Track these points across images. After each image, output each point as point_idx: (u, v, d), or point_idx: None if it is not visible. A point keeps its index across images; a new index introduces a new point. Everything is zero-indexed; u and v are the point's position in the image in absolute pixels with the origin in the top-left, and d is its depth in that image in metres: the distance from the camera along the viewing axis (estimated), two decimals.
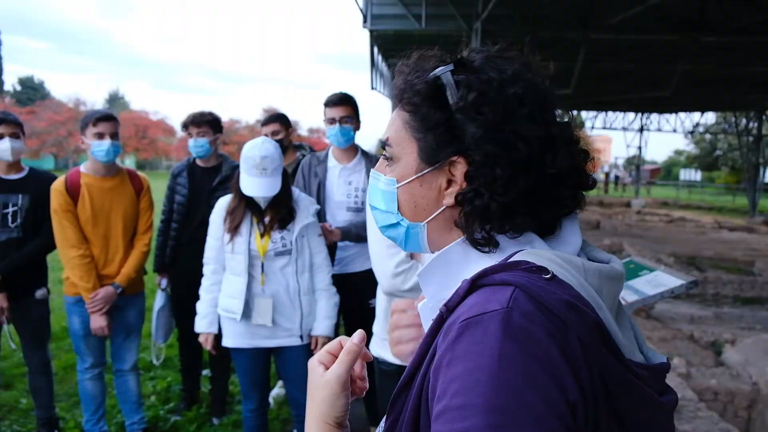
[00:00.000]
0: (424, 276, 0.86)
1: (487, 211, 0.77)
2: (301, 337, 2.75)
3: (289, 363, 2.80)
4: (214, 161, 3.72)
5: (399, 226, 0.88)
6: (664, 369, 0.78)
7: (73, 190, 3.12)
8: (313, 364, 0.88)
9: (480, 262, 0.79)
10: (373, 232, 2.10)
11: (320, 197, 3.28)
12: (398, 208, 0.87)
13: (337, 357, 0.87)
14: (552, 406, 0.61)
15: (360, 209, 3.29)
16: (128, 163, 44.44)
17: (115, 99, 74.69)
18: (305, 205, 2.78)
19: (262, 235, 2.69)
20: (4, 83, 63.26)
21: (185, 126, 3.68)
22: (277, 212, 2.68)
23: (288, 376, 2.89)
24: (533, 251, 0.75)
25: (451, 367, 0.65)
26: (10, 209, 3.18)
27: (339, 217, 3.27)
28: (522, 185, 0.76)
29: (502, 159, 0.75)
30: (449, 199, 0.82)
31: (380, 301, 2.23)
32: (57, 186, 3.11)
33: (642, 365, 0.73)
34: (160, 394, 4.07)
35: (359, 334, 0.88)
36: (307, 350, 2.78)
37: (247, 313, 2.68)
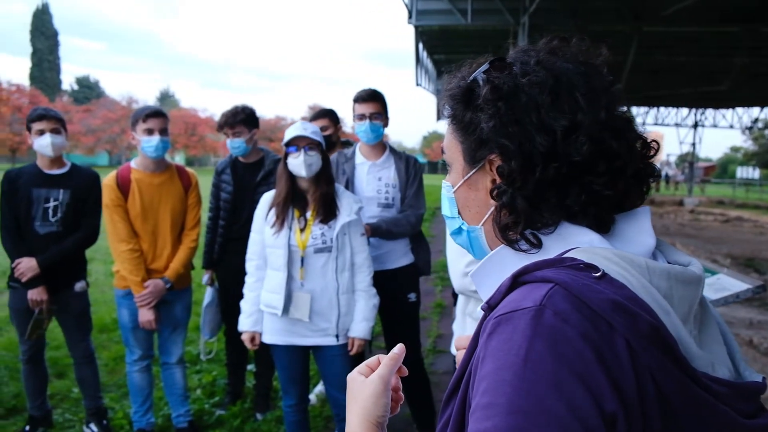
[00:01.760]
0: (478, 277, 0.84)
1: (513, 206, 0.75)
2: (337, 336, 2.72)
3: (327, 362, 2.79)
4: (256, 156, 3.74)
5: (462, 232, 0.88)
6: (757, 389, 0.70)
7: (123, 186, 3.17)
8: (353, 375, 0.90)
9: (533, 260, 0.74)
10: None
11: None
12: (458, 213, 0.88)
13: (374, 370, 0.89)
14: (577, 414, 0.57)
15: (390, 205, 3.28)
16: (178, 159, 45.67)
17: (165, 97, 76.91)
18: (348, 202, 2.76)
19: (302, 230, 2.69)
20: (62, 82, 65.88)
21: (220, 127, 3.68)
22: (320, 193, 2.67)
23: (326, 374, 2.87)
24: (586, 249, 0.70)
25: (483, 365, 0.64)
26: (51, 204, 3.24)
27: (370, 212, 3.25)
28: (539, 176, 0.72)
29: (514, 151, 0.73)
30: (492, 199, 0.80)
31: (459, 302, 2.26)
32: (108, 181, 3.17)
33: (721, 381, 0.66)
34: (206, 387, 4.12)
35: (400, 346, 0.91)
36: (344, 350, 2.76)
37: (287, 308, 2.68)
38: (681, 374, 0.62)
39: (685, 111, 29.30)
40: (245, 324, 2.79)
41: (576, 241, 0.73)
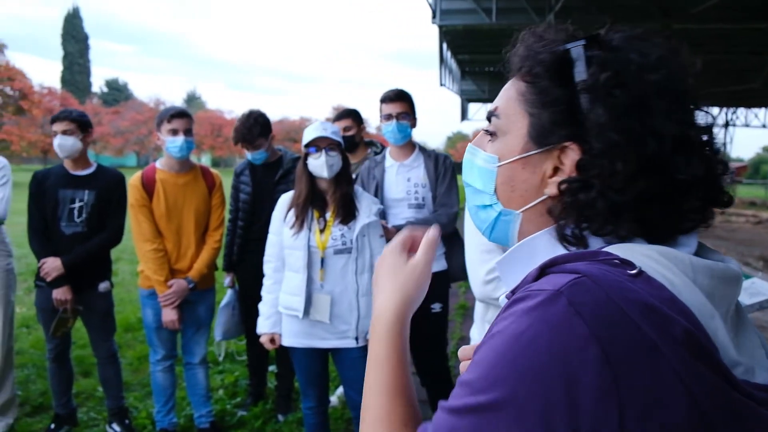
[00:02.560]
0: (504, 266, 0.77)
1: (590, 208, 0.67)
2: (357, 339, 2.70)
3: (346, 364, 2.76)
4: (274, 157, 3.72)
5: (490, 210, 0.79)
6: None
7: (148, 186, 3.19)
8: (393, 250, 0.88)
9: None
10: (470, 236, 2.03)
11: (378, 198, 3.22)
12: (494, 190, 0.78)
13: (408, 245, 0.89)
14: (538, 410, 0.54)
15: (421, 205, 3.22)
16: (204, 160, 46.25)
17: (192, 99, 78.00)
18: (367, 204, 2.74)
19: (322, 231, 2.67)
20: (92, 85, 67.22)
21: (236, 142, 3.65)
22: (339, 194, 2.66)
23: (345, 377, 2.84)
24: (624, 245, 0.65)
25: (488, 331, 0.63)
26: (77, 204, 3.26)
27: (401, 214, 3.20)
28: (642, 187, 0.64)
29: (628, 152, 0.65)
30: (552, 188, 0.71)
31: (478, 308, 2.18)
32: (133, 181, 3.20)
33: (762, 386, 0.61)
34: (228, 388, 4.13)
35: (435, 227, 0.89)
36: (363, 352, 2.72)
37: (308, 310, 2.66)
38: (719, 381, 0.57)
39: (715, 110, 28.76)
40: (264, 326, 2.78)
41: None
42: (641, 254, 0.62)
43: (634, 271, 0.60)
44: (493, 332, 0.60)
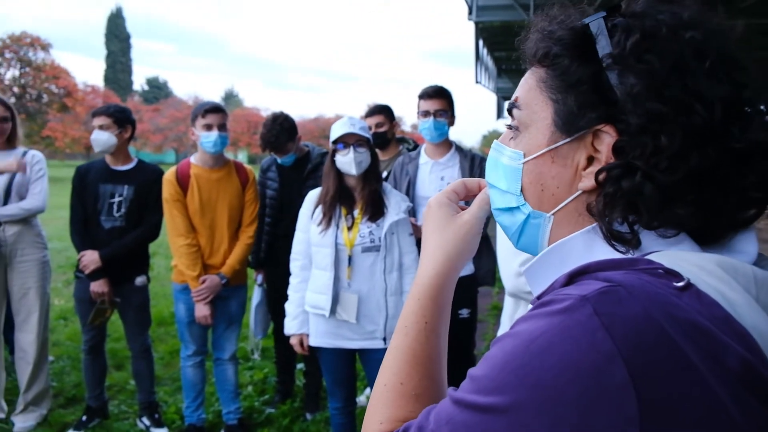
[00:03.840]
0: (533, 273, 0.69)
1: (638, 195, 0.57)
2: (384, 339, 2.64)
3: (374, 365, 2.70)
4: (300, 153, 3.71)
5: (517, 212, 0.70)
6: None
7: (183, 181, 3.20)
8: (443, 201, 0.81)
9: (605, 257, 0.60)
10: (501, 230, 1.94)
11: (410, 195, 3.15)
12: (521, 190, 0.69)
13: (457, 197, 0.84)
14: (542, 427, 0.48)
15: None
16: (241, 157, 46.79)
17: (230, 97, 79.06)
18: (396, 201, 2.69)
19: (349, 228, 2.62)
20: (133, 83, 68.75)
21: (264, 149, 3.64)
22: (368, 191, 2.61)
23: (372, 378, 2.79)
24: (672, 252, 0.56)
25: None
26: (116, 199, 3.31)
27: None
28: (695, 161, 0.55)
29: (671, 122, 0.55)
30: (588, 181, 0.62)
31: (507, 306, 2.08)
32: (168, 176, 3.21)
33: None
34: (257, 384, 4.13)
35: (486, 190, 0.81)
36: None
37: (334, 309, 2.61)
38: None
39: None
40: (291, 327, 2.74)
41: (667, 243, 0.59)
42: (693, 264, 0.53)
43: (680, 284, 0.51)
44: (510, 332, 0.55)
